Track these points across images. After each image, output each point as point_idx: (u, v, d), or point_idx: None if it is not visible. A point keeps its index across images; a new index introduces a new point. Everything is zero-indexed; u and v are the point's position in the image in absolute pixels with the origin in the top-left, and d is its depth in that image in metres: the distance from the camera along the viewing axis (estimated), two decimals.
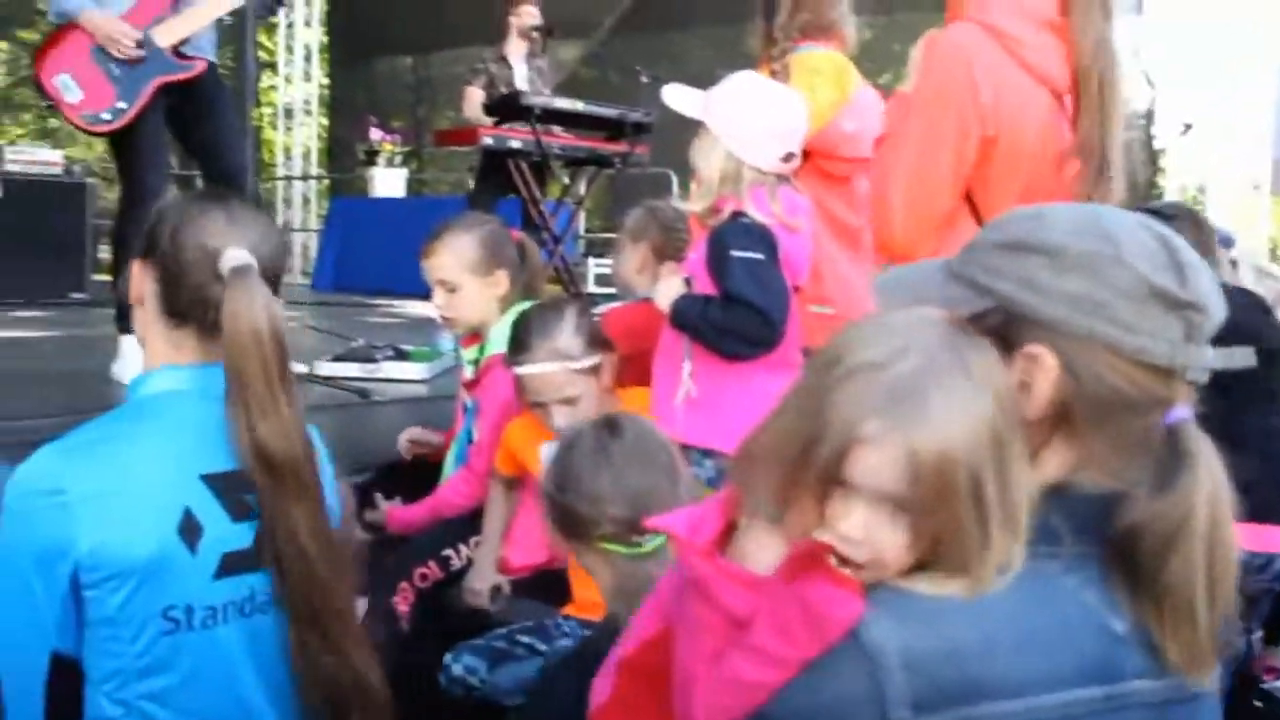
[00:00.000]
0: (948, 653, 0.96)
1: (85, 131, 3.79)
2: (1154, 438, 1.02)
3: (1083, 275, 1.03)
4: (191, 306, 1.50)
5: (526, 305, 2.46)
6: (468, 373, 2.66)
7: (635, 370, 2.46)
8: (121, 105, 3.69)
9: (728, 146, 2.27)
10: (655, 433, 1.70)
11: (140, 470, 1.42)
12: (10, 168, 7.69)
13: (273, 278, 1.53)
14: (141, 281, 1.55)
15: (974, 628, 0.97)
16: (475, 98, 6.50)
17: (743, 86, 2.35)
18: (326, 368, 4.00)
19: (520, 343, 2.21)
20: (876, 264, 2.67)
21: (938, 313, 1.05)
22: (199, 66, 3.83)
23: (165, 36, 3.75)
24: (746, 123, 2.28)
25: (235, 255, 1.47)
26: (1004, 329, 1.05)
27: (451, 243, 2.49)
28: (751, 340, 2.24)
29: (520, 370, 2.20)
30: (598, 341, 2.24)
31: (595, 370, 2.21)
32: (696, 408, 2.20)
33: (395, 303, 8.31)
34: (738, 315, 2.21)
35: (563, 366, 2.16)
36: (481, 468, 2.46)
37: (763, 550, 1.07)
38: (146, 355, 1.58)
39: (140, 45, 3.69)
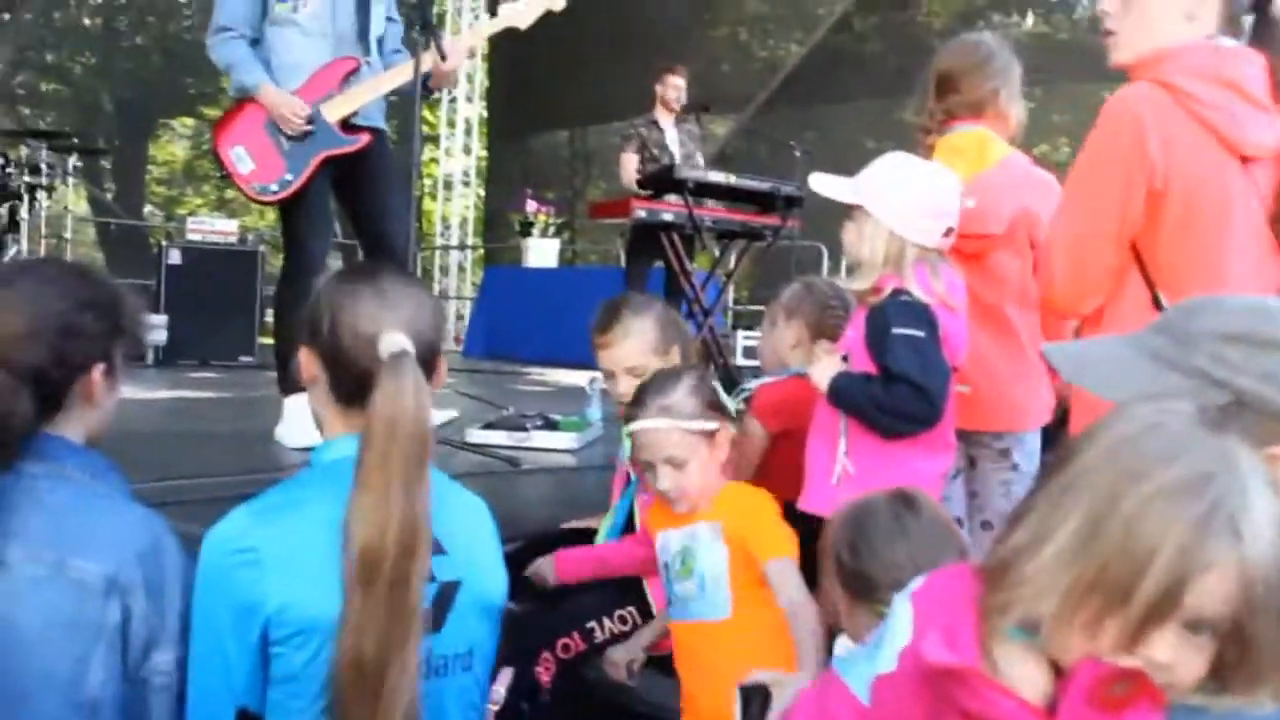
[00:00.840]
0: None
1: (255, 201, 3.98)
2: None
3: None
4: (358, 388, 1.52)
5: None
6: (626, 445, 2.65)
7: (788, 448, 2.43)
8: (289, 177, 3.87)
9: (889, 226, 2.25)
10: (943, 511, 1.77)
11: (323, 533, 1.45)
12: (191, 237, 8.14)
13: (429, 351, 1.56)
14: (309, 365, 1.60)
15: None
16: (630, 163, 6.65)
17: (898, 166, 2.34)
18: (478, 435, 4.06)
19: (636, 400, 2.18)
20: (1047, 326, 2.60)
21: (1188, 408, 1.00)
22: (363, 140, 3.99)
23: (333, 112, 3.93)
24: (907, 201, 2.26)
25: (391, 341, 1.49)
26: (1245, 425, 1.00)
27: (633, 329, 2.49)
28: (912, 418, 2.20)
29: (631, 426, 2.16)
30: (715, 408, 2.15)
31: (709, 436, 2.12)
32: (852, 486, 2.16)
33: (545, 371, 8.44)
34: (898, 393, 2.18)
35: (672, 425, 2.09)
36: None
37: (1017, 667, 1.03)
38: (325, 426, 1.63)
39: (309, 120, 3.87)
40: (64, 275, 1.53)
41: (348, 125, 3.95)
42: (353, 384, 1.53)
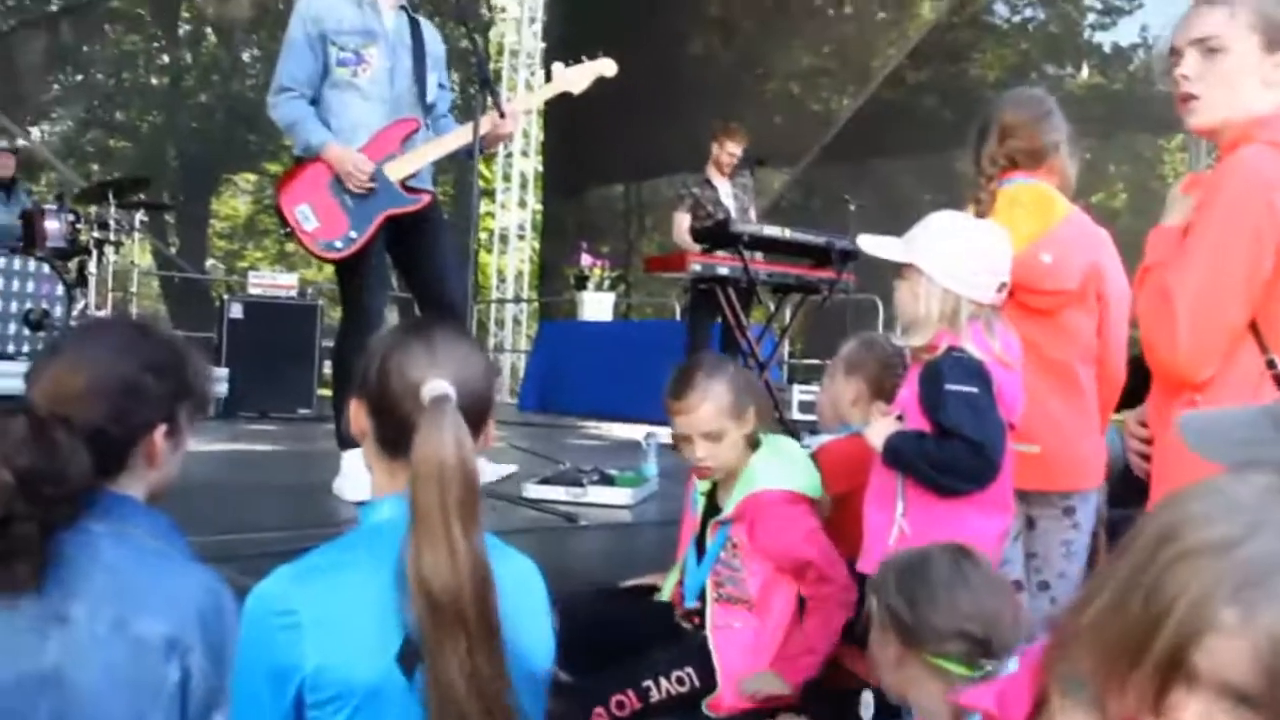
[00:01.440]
0: None
1: (318, 257, 4.04)
2: None
3: None
4: (401, 437, 1.52)
5: (773, 437, 2.51)
6: (698, 503, 2.64)
7: (849, 507, 2.41)
8: (353, 235, 3.94)
9: (944, 284, 2.24)
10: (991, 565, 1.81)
11: (364, 596, 1.45)
12: (253, 291, 8.28)
13: (477, 406, 1.56)
14: (359, 416, 1.61)
15: None
16: (683, 223, 6.68)
17: (951, 224, 2.34)
18: (535, 490, 4.07)
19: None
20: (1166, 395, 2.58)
21: (1268, 477, 0.95)
22: (424, 200, 4.06)
23: (396, 171, 4.00)
24: (962, 258, 2.26)
25: (434, 386, 1.50)
26: None
27: (709, 393, 2.46)
28: (968, 476, 2.18)
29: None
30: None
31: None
32: (910, 547, 2.14)
33: (600, 425, 8.45)
34: (953, 451, 2.16)
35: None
36: (763, 602, 2.42)
37: None
38: (373, 484, 1.63)
39: (373, 178, 3.94)
40: (130, 335, 1.55)
41: (407, 185, 4.02)
42: (395, 430, 1.53)
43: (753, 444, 2.50)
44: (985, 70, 12.20)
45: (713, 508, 2.59)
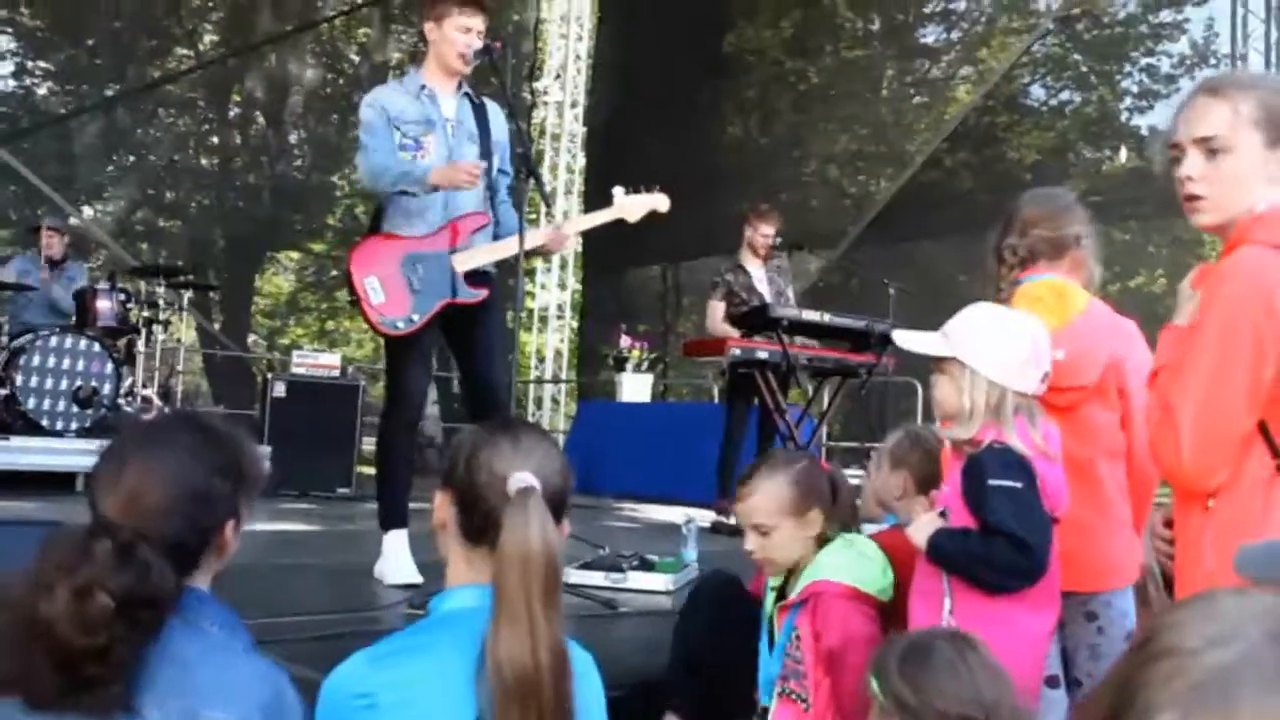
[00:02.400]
0: None
1: (376, 331, 4.08)
2: None
3: None
4: (485, 528, 1.59)
5: (849, 535, 2.46)
6: (769, 596, 2.62)
7: (897, 601, 2.40)
8: (415, 317, 4.00)
9: (988, 375, 2.25)
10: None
11: (439, 680, 1.50)
12: (296, 369, 8.38)
13: (558, 500, 1.63)
14: (443, 507, 1.68)
15: None
16: (717, 311, 6.69)
17: (991, 315, 2.35)
18: (575, 575, 4.06)
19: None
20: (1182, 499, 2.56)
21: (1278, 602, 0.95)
22: (483, 295, 4.13)
23: (462, 263, 4.08)
24: (1005, 349, 2.27)
25: (520, 478, 1.58)
26: None
27: (766, 486, 2.46)
28: (1013, 574, 2.17)
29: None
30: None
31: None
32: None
33: (638, 507, 8.43)
34: (998, 548, 2.15)
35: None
36: (821, 704, 2.36)
37: None
38: (449, 573, 1.69)
39: (445, 266, 4.02)
40: (194, 439, 1.58)
41: (470, 277, 4.10)
42: (481, 520, 1.61)
43: (821, 544, 2.46)
44: (1022, 153, 12.27)
45: (781, 599, 2.57)
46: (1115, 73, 12.25)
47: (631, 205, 4.40)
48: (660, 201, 4.43)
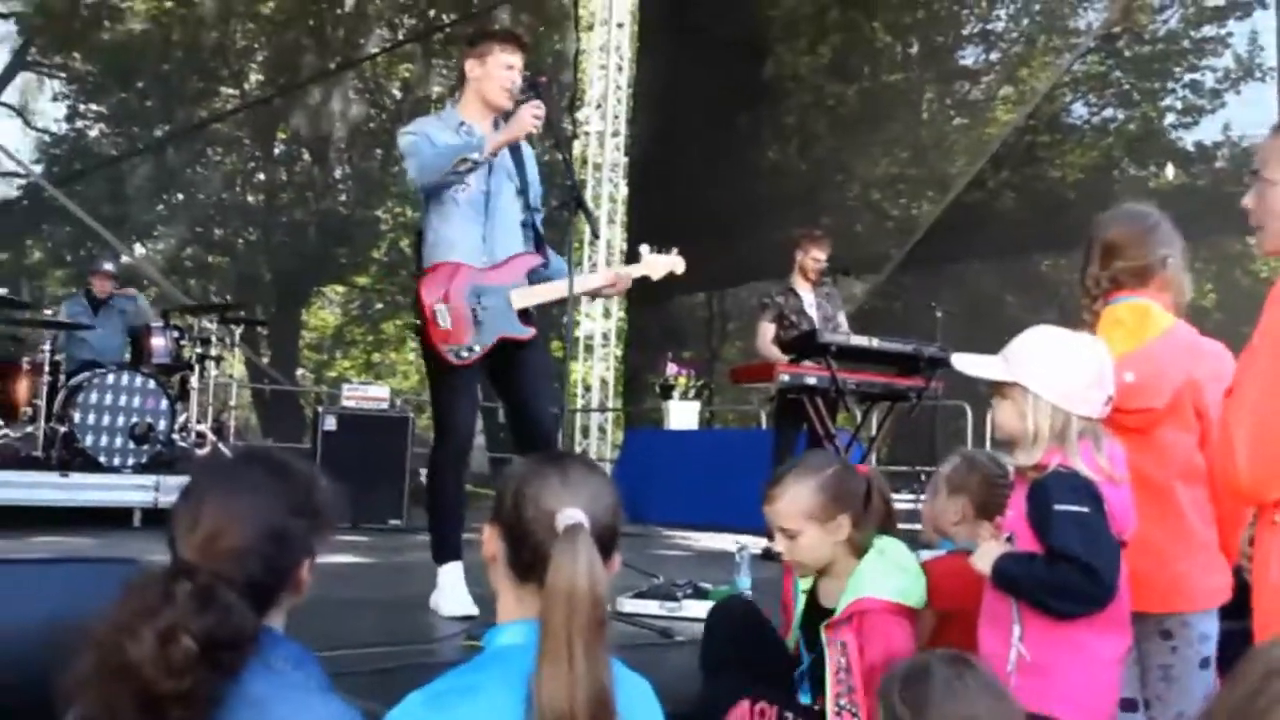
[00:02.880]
0: None
1: (438, 356, 4.10)
2: None
3: None
4: (533, 564, 1.58)
5: (881, 541, 2.46)
6: (799, 599, 2.63)
7: (957, 627, 2.39)
8: (474, 347, 4.04)
9: (1052, 400, 2.23)
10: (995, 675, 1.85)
11: (495, 717, 1.49)
12: (346, 403, 8.45)
13: (607, 536, 1.62)
14: (491, 542, 1.68)
15: None
16: (767, 333, 6.69)
17: (1053, 339, 2.33)
18: (629, 604, 4.06)
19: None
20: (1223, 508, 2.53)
21: None
22: (533, 332, 4.18)
23: (520, 300, 4.12)
24: (1068, 374, 2.25)
25: (568, 515, 1.56)
26: None
27: (793, 491, 2.47)
28: (1081, 599, 2.14)
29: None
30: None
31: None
32: (1030, 673, 2.11)
33: (689, 535, 8.41)
34: (1065, 574, 2.13)
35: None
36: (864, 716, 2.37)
37: None
38: (499, 608, 1.69)
39: (502, 299, 4.08)
40: (273, 478, 1.60)
41: (523, 316, 4.15)
42: (529, 555, 1.60)
43: (857, 548, 2.47)
44: (1065, 171, 12.20)
45: (812, 602, 2.59)
46: (1158, 89, 12.15)
47: (655, 264, 4.49)
48: (677, 264, 4.53)
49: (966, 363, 2.40)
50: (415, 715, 1.52)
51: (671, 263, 4.53)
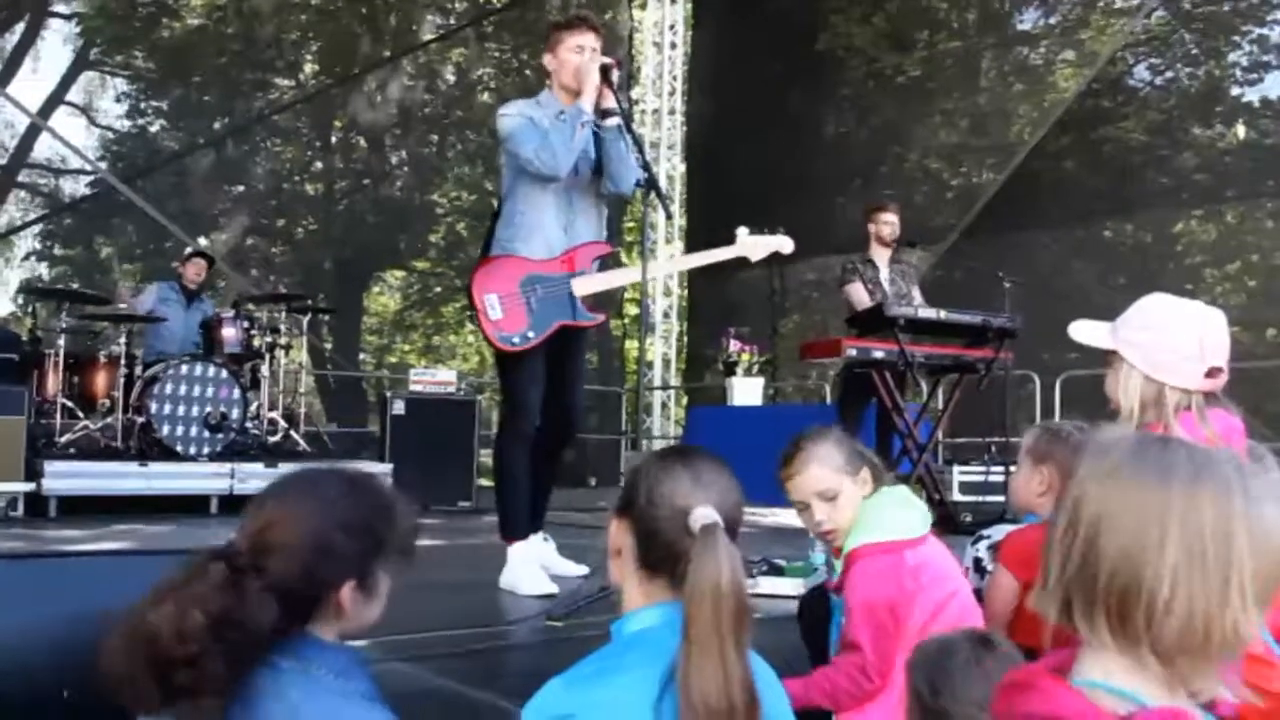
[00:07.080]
0: None
1: (493, 345, 4.17)
2: None
3: None
4: (664, 560, 1.61)
5: (886, 489, 2.45)
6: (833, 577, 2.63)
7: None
8: (531, 335, 4.08)
9: (1144, 370, 2.20)
10: (1018, 654, 1.78)
11: (634, 700, 1.52)
12: (414, 387, 8.56)
13: (733, 529, 1.62)
14: (620, 535, 1.69)
15: None
16: (858, 292, 6.59)
17: (1154, 308, 2.29)
18: None
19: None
20: None
21: None
22: (599, 319, 4.21)
23: (582, 287, 4.15)
24: (1162, 344, 2.21)
25: (703, 514, 1.57)
26: None
27: (814, 454, 2.44)
28: None
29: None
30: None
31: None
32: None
33: (756, 512, 8.41)
34: None
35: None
36: (869, 661, 2.33)
37: None
38: (625, 598, 1.71)
39: (563, 286, 4.12)
40: (334, 492, 1.61)
41: (588, 300, 4.18)
42: (661, 552, 1.62)
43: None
44: (1128, 134, 11.97)
45: None
46: (1223, 47, 11.87)
47: (755, 245, 4.47)
48: (785, 244, 4.51)
49: (1081, 329, 2.37)
50: (558, 697, 1.56)
51: (777, 243, 4.52)
